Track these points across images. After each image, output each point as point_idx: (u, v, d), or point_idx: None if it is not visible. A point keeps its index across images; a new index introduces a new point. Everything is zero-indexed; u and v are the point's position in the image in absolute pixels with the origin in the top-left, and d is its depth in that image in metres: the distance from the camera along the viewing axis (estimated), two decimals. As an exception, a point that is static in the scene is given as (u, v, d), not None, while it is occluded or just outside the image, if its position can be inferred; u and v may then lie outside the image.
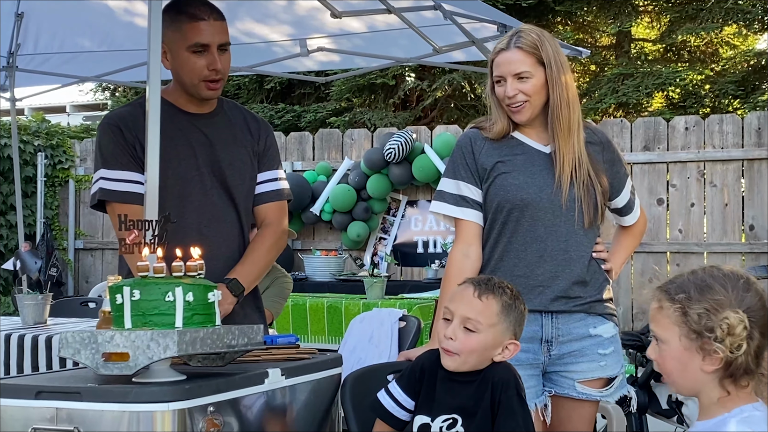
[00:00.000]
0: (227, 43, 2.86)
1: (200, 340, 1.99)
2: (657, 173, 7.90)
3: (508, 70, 2.57)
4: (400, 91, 10.70)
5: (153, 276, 2.03)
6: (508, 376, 2.20)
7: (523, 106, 2.58)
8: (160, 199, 2.61)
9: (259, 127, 3.03)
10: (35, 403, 1.98)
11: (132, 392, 1.93)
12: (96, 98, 13.83)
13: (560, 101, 2.57)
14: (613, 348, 2.65)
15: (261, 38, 5.37)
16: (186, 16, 2.79)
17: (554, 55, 2.57)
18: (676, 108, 10.47)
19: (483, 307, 2.20)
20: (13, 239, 9.15)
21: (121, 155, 2.81)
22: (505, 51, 2.58)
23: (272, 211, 3.00)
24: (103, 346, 1.96)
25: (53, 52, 5.63)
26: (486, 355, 2.21)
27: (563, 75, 2.58)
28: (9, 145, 9.02)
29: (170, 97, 2.90)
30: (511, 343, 2.22)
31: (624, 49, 11.47)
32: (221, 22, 2.84)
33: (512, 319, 2.21)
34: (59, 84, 6.26)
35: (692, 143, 7.79)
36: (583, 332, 2.61)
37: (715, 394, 1.78)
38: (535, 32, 2.59)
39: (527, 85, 2.56)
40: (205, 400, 1.98)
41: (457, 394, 2.22)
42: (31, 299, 3.79)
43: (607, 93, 10.46)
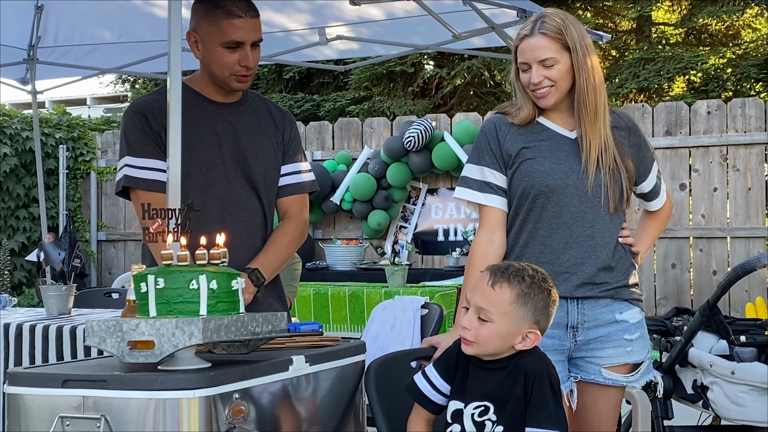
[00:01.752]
0: (260, 40, 2.87)
1: (225, 327, 2.00)
2: (679, 158, 7.85)
3: (532, 57, 2.54)
4: (419, 78, 10.68)
5: (177, 264, 2.04)
6: (540, 367, 2.18)
7: (549, 91, 2.55)
8: (184, 187, 2.63)
9: (283, 118, 3.04)
10: (62, 391, 1.99)
11: (158, 380, 1.93)
12: (116, 90, 13.90)
13: (586, 86, 2.54)
14: (640, 333, 2.64)
15: (280, 27, 5.37)
16: (223, 11, 2.80)
17: (579, 39, 2.54)
18: (697, 92, 10.39)
19: (495, 296, 2.17)
20: (36, 231, 9.21)
21: (146, 143, 2.83)
22: (529, 37, 2.55)
23: (294, 203, 3.02)
24: (129, 335, 1.97)
25: (73, 45, 5.65)
26: (504, 343, 2.19)
27: (589, 59, 2.55)
28: (31, 137, 9.07)
29: (197, 86, 2.92)
30: (531, 332, 2.18)
31: (645, 34, 11.40)
32: (256, 19, 2.85)
33: (530, 308, 2.17)
34: (79, 76, 6.29)
35: (714, 127, 7.73)
36: (609, 318, 2.59)
37: None
38: (559, 16, 2.56)
39: (553, 71, 2.53)
40: (230, 387, 1.98)
41: (488, 382, 2.21)
42: (55, 290, 3.81)
43: (628, 78, 10.40)
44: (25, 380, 2.04)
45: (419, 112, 9.87)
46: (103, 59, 5.89)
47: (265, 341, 2.26)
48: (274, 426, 2.12)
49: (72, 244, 8.34)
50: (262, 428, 2.06)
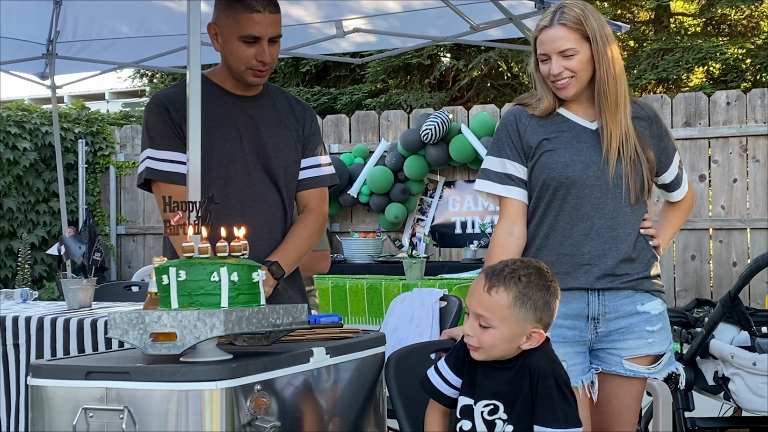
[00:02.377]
0: (279, 36, 2.86)
1: (246, 319, 2.00)
2: (698, 149, 7.81)
3: (552, 48, 2.52)
4: (436, 71, 10.66)
5: (198, 256, 2.04)
6: (544, 365, 2.16)
7: (569, 82, 2.54)
8: (205, 180, 2.63)
9: (304, 111, 3.04)
10: (85, 383, 2.00)
11: (180, 371, 1.94)
12: (134, 85, 13.94)
13: (607, 76, 2.53)
14: (661, 325, 2.62)
15: (296, 20, 5.37)
16: (242, 5, 2.79)
17: (599, 29, 2.53)
18: (717, 83, 10.33)
19: (492, 302, 2.15)
20: (56, 225, 9.27)
21: (168, 135, 2.83)
22: (548, 28, 2.54)
23: (314, 197, 3.02)
24: (151, 327, 1.97)
25: (91, 39, 5.67)
26: (510, 346, 2.17)
27: (609, 49, 2.54)
28: (50, 132, 9.12)
29: (217, 79, 2.92)
30: (535, 331, 2.16)
31: (663, 24, 11.34)
32: (276, 15, 2.83)
33: (530, 308, 2.14)
34: (98, 71, 6.32)
35: (734, 118, 7.68)
36: (630, 309, 2.58)
37: None
38: (578, 6, 2.54)
39: (573, 62, 2.52)
40: (251, 378, 1.99)
41: (496, 380, 2.20)
42: (75, 284, 3.83)
43: (646, 69, 10.36)
44: (48, 372, 2.05)
45: (436, 104, 9.86)
46: (122, 54, 5.91)
47: (285, 333, 2.27)
48: (295, 417, 2.13)
49: (92, 237, 8.37)
50: (283, 420, 2.07)
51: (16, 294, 4.29)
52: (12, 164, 9.01)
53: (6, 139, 8.95)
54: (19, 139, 9.04)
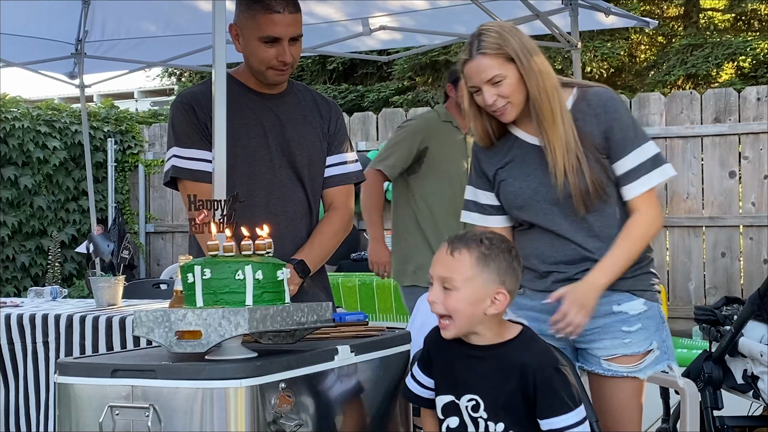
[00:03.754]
0: (300, 35, 2.85)
1: (270, 317, 2.00)
2: (728, 145, 7.75)
3: (480, 79, 2.48)
4: (462, 68, 10.63)
5: (223, 255, 2.05)
6: (541, 360, 2.11)
7: (506, 107, 2.50)
8: (230, 178, 2.64)
9: (329, 108, 3.04)
10: (111, 381, 2.00)
11: (205, 369, 1.94)
12: (162, 83, 14.04)
13: (538, 92, 2.48)
14: (641, 325, 2.55)
15: (323, 18, 5.37)
16: (262, 5, 2.79)
17: (520, 47, 2.47)
18: (747, 78, 10.23)
19: (455, 263, 2.12)
20: (85, 223, 9.34)
21: (193, 134, 2.84)
22: (470, 60, 2.49)
23: (340, 194, 3.01)
24: (176, 325, 1.98)
25: (120, 38, 5.70)
26: (475, 311, 2.12)
27: (535, 63, 2.48)
28: (79, 131, 9.20)
29: (242, 77, 2.93)
30: (499, 293, 2.12)
31: (692, 20, 11.24)
32: (296, 14, 2.83)
33: (494, 268, 2.11)
34: (126, 70, 6.36)
35: (765, 114, 7.61)
36: (605, 309, 2.52)
37: None
38: (494, 30, 2.49)
39: (503, 88, 2.47)
40: (276, 376, 1.99)
41: (475, 372, 2.16)
42: (104, 282, 3.86)
43: (675, 65, 10.28)
44: (75, 370, 2.06)
45: (463, 101, 9.82)
46: (150, 53, 5.94)
47: (310, 331, 2.27)
48: (320, 416, 2.12)
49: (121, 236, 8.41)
50: (307, 418, 2.07)
51: (46, 292, 4.34)
52: (42, 163, 9.10)
53: (36, 138, 9.04)
54: (49, 138, 9.12)
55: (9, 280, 8.92)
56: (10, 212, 8.89)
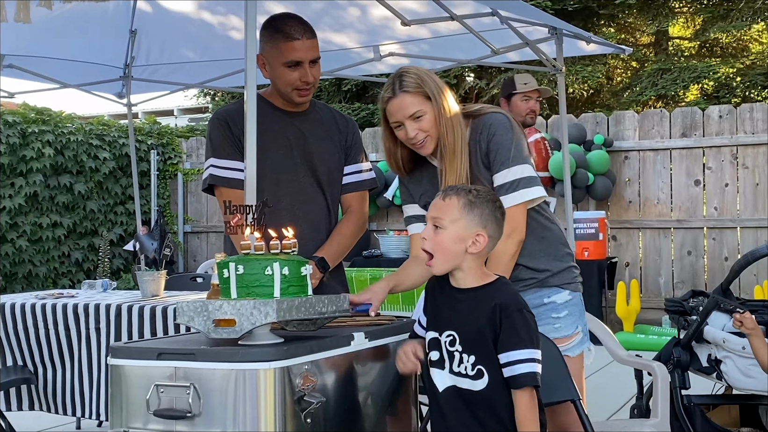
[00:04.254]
0: (318, 58, 2.86)
1: (295, 307, 2.00)
2: (694, 157, 7.73)
3: (402, 115, 2.48)
4: (461, 89, 10.64)
5: (254, 253, 2.05)
6: (508, 299, 2.11)
7: (425, 141, 2.50)
8: (260, 184, 2.63)
9: (347, 124, 3.04)
10: (157, 363, 2.01)
11: (239, 353, 1.94)
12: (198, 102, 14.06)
13: (446, 128, 2.48)
14: (567, 311, 2.61)
15: (339, 46, 5.37)
16: (282, 35, 2.79)
17: (435, 87, 2.48)
18: (710, 98, 10.21)
19: (445, 206, 2.16)
20: (131, 225, 9.37)
21: (228, 146, 2.85)
22: (393, 98, 2.49)
23: (355, 199, 3.02)
24: (213, 314, 1.98)
25: (162, 63, 5.71)
26: (457, 249, 2.14)
27: (444, 101, 2.48)
28: (127, 144, 9.22)
29: (270, 98, 2.93)
30: (479, 235, 2.14)
31: (662, 47, 11.23)
32: (313, 40, 2.83)
33: (477, 214, 2.14)
34: (168, 90, 6.36)
35: (726, 130, 7.58)
36: (537, 302, 2.58)
37: None
38: (413, 72, 2.50)
39: (423, 123, 2.47)
40: (301, 359, 1.99)
41: (455, 310, 2.16)
42: (148, 276, 3.86)
43: (647, 86, 10.26)
44: (125, 353, 2.07)
45: (461, 118, 9.81)
46: (188, 76, 5.95)
47: (330, 320, 2.27)
48: (339, 393, 2.12)
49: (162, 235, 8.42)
50: (328, 395, 2.07)
51: (97, 284, 4.34)
52: (94, 172, 9.12)
53: (89, 150, 9.06)
54: (100, 150, 9.14)
55: (65, 273, 8.94)
56: (66, 215, 8.92)
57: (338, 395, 2.12)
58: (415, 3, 4.52)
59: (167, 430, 1.97)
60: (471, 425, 2.09)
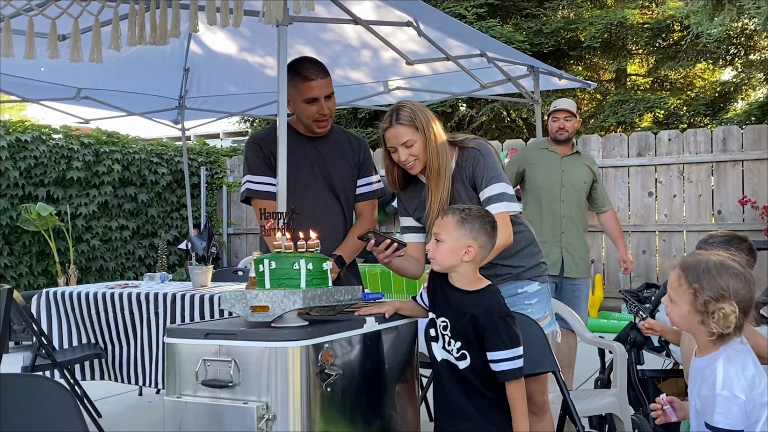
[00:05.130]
0: (332, 93, 2.85)
1: (318, 296, 2.01)
2: (647, 173, 7.70)
3: (396, 142, 2.50)
4: (455, 116, 10.63)
5: (284, 252, 2.06)
6: (492, 308, 2.10)
7: (414, 163, 2.52)
8: (288, 197, 2.64)
9: (359, 144, 3.03)
10: (204, 342, 2.02)
11: (272, 334, 1.95)
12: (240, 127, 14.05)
13: (431, 155, 2.49)
14: (537, 299, 2.60)
15: (355, 81, 5.38)
16: (300, 77, 2.79)
17: (425, 120, 2.48)
18: (661, 125, 10.17)
19: (443, 222, 2.18)
20: (184, 227, 9.38)
21: (261, 165, 2.85)
22: (390, 128, 2.50)
23: (367, 207, 3.01)
24: (251, 301, 1.99)
25: (210, 95, 5.73)
26: (454, 257, 2.15)
27: (431, 133, 2.49)
28: (181, 161, 9.24)
29: (296, 126, 2.93)
30: (470, 246, 2.14)
31: (621, 82, 11.19)
32: (326, 78, 2.82)
33: (468, 228, 2.14)
34: (215, 117, 6.38)
35: (674, 150, 7.55)
36: (512, 292, 2.58)
37: (703, 339, 1.81)
38: (408, 107, 2.50)
39: (414, 149, 2.49)
40: (323, 339, 1.99)
41: (449, 304, 2.18)
42: (198, 269, 3.86)
43: (609, 114, 10.23)
44: (178, 333, 2.07)
45: (456, 140, 9.78)
46: (231, 105, 5.97)
47: (346, 306, 2.27)
48: (354, 367, 2.12)
49: (210, 236, 8.47)
50: (344, 369, 2.06)
51: (156, 277, 4.35)
52: (154, 184, 9.15)
53: (150, 166, 9.08)
54: (159, 166, 9.17)
55: (130, 267, 8.96)
56: (131, 219, 8.94)
57: (353, 368, 2.12)
58: (417, 45, 4.52)
59: (213, 396, 1.98)
60: (460, 391, 2.13)
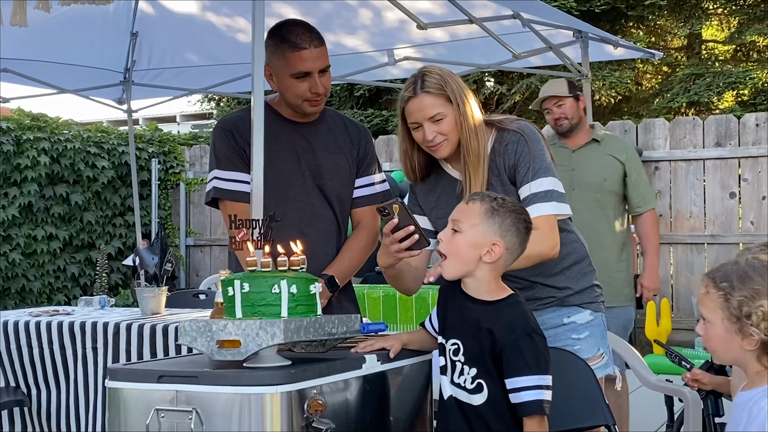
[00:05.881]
0: (327, 66, 2.85)
1: (304, 328, 2.01)
2: (729, 168, 7.69)
3: (422, 116, 2.49)
4: (480, 95, 10.65)
5: (260, 270, 2.06)
6: (516, 321, 2.10)
7: (442, 144, 2.51)
8: (266, 199, 2.65)
9: (359, 133, 3.03)
10: (157, 386, 2.01)
11: (244, 376, 1.95)
12: (202, 108, 14.13)
13: (468, 134, 2.49)
14: (588, 333, 2.58)
15: (351, 50, 5.40)
16: (289, 44, 2.78)
17: (458, 90, 2.49)
18: (746, 105, 10.17)
19: (467, 209, 2.18)
20: (131, 237, 9.40)
21: (233, 157, 2.85)
22: (414, 98, 2.50)
23: (366, 214, 3.01)
24: (217, 334, 1.99)
25: (164, 68, 5.75)
26: (472, 255, 2.15)
27: (467, 106, 2.50)
28: (126, 152, 9.28)
29: (277, 107, 2.92)
30: (495, 244, 2.14)
31: (695, 51, 11.20)
32: (321, 48, 2.82)
33: (496, 222, 2.15)
34: (170, 96, 6.40)
35: (763, 139, 7.55)
36: (557, 322, 2.57)
37: (754, 368, 1.89)
38: (436, 72, 2.51)
39: (443, 125, 2.48)
40: (309, 383, 1.99)
41: (463, 319, 2.18)
42: (149, 292, 3.86)
43: (678, 92, 10.24)
44: (124, 375, 2.07)
45: (481, 126, 9.81)
46: (191, 80, 5.99)
47: (340, 341, 2.27)
48: (349, 420, 2.12)
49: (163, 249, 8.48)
50: (338, 422, 2.07)
51: (94, 301, 4.35)
52: (91, 181, 9.18)
53: (86, 158, 9.11)
54: (98, 158, 9.20)
55: (60, 289, 8.98)
56: (62, 226, 8.97)
57: (349, 422, 2.12)
58: (431, 4, 4.54)
59: (168, 457, 1.98)
60: None
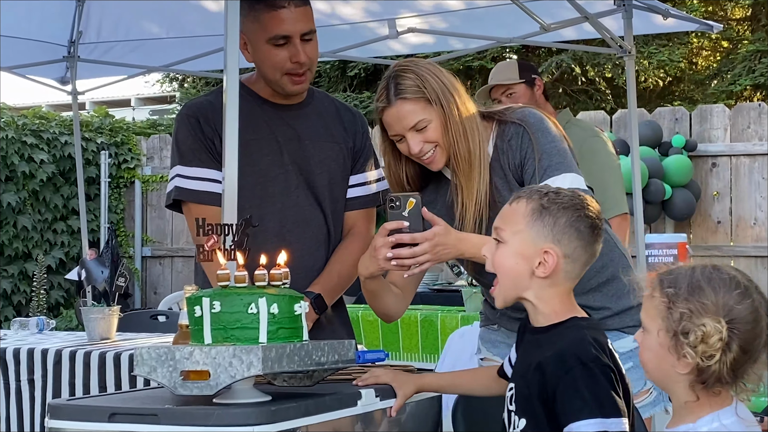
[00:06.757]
0: (312, 31, 2.85)
1: (287, 356, 2.02)
2: (802, 164, 7.71)
3: (402, 127, 2.52)
4: (500, 75, 10.65)
5: (234, 286, 2.07)
6: (568, 348, 1.98)
7: (434, 154, 2.53)
8: (240, 199, 2.64)
9: (354, 120, 3.05)
10: (109, 426, 2.02)
11: (214, 414, 1.95)
12: (163, 90, 14.13)
13: (456, 138, 2.51)
14: (632, 363, 2.51)
15: (344, 20, 5.40)
16: (265, 4, 2.80)
17: (440, 87, 2.51)
18: (826, 88, 10.19)
19: (510, 211, 2.10)
20: (75, 246, 9.39)
21: (199, 150, 2.86)
22: (389, 107, 2.53)
23: (361, 219, 3.03)
24: (182, 364, 2.00)
25: (117, 41, 5.75)
26: (520, 270, 2.06)
27: (453, 105, 2.51)
28: (71, 143, 9.27)
29: (254, 86, 2.94)
30: (548, 253, 2.04)
31: (761, 23, 11.21)
32: (304, 7, 2.84)
33: (548, 223, 2.04)
34: (124, 75, 6.40)
35: (844, 129, 7.57)
36: None
37: (683, 397, 1.86)
38: (410, 71, 2.52)
39: (429, 133, 2.51)
40: (292, 423, 2.00)
41: (521, 358, 2.14)
42: (97, 312, 3.87)
43: (741, 73, 10.25)
44: (69, 413, 2.08)
45: (501, 112, 9.82)
46: (150, 56, 5.98)
47: (331, 372, 2.28)
48: (341, 468, 2.14)
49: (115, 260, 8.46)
50: (327, 470, 2.08)
51: (31, 323, 4.36)
52: (27, 178, 9.17)
53: (21, 150, 9.11)
54: (36, 150, 9.19)
55: (-11, 308, 8.99)
56: (-8, 233, 8.97)
57: (340, 470, 2.13)
58: (442, -35, 4.55)
59: None
60: None
